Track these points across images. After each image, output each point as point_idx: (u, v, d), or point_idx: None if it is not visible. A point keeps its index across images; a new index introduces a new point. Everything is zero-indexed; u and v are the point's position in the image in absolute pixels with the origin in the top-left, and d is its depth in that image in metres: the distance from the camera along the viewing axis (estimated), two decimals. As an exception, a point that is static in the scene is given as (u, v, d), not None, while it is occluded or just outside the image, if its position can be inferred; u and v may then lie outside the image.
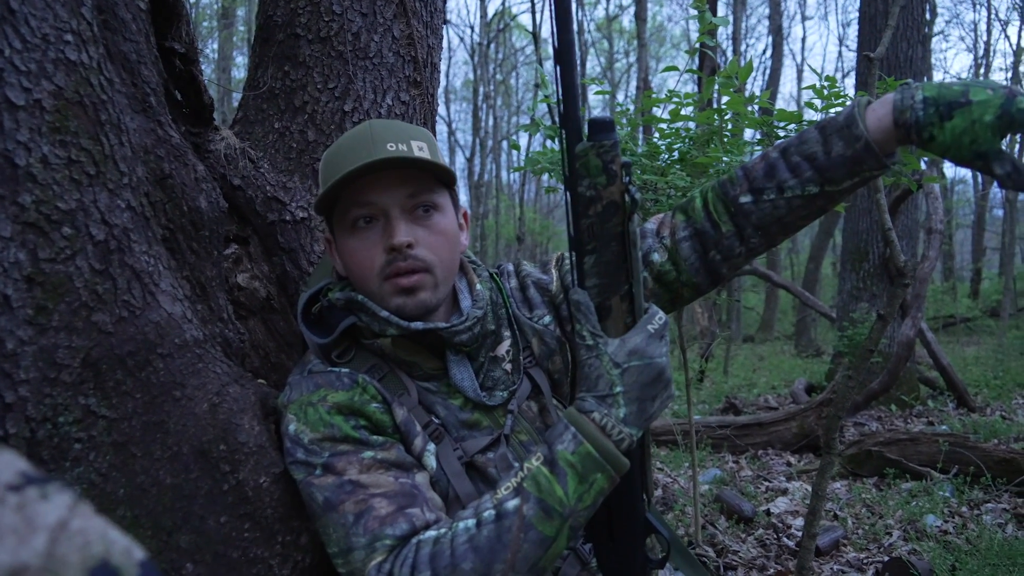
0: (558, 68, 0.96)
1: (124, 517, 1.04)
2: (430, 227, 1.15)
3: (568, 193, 0.99)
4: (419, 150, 1.13)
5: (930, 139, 1.03)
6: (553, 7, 0.96)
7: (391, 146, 1.12)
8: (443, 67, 1.91)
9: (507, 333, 1.26)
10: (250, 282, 1.49)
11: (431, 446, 1.14)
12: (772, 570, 2.94)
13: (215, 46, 18.70)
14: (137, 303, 1.08)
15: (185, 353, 1.13)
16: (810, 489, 3.94)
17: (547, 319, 1.28)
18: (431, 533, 1.01)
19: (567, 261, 1.26)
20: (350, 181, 1.11)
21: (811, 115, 2.24)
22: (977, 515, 3.55)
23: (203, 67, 1.54)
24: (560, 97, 0.97)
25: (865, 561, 3.04)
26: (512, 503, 0.99)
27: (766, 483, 4.25)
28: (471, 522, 1.00)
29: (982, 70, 23.25)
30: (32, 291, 0.98)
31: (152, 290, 1.11)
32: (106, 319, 1.04)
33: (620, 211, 0.98)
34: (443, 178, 1.19)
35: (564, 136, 0.98)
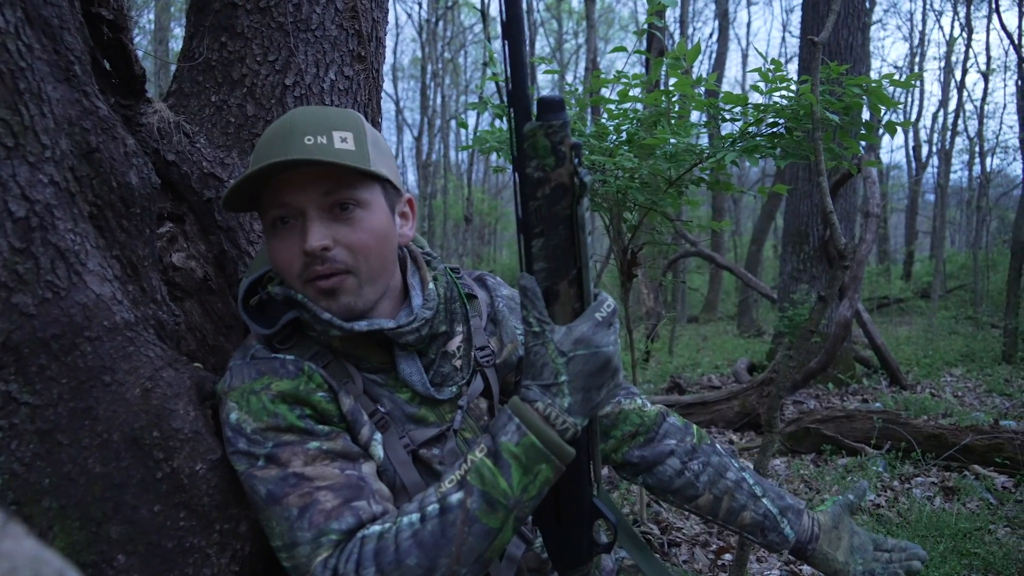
0: (506, 44, 0.92)
1: (50, 508, 0.99)
2: (352, 225, 1.08)
3: (516, 174, 0.95)
4: (341, 141, 1.07)
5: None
6: None
7: (309, 139, 1.05)
8: (390, 44, 1.86)
9: (460, 328, 1.24)
10: (186, 262, 1.43)
11: (378, 435, 1.11)
12: (715, 546, 3.00)
13: (151, 16, 18.01)
14: (62, 284, 1.02)
15: (115, 336, 1.08)
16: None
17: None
18: (375, 528, 0.99)
19: None
20: (262, 180, 1.05)
21: (756, 98, 2.26)
22: (908, 489, 3.68)
23: (137, 38, 1.46)
24: (508, 75, 0.93)
25: (803, 535, 3.13)
26: (456, 496, 0.97)
27: (709, 461, 4.33)
28: (415, 516, 0.98)
29: (917, 59, 23.92)
30: (-55, 271, 0.92)
31: (78, 270, 1.05)
32: (28, 300, 0.98)
33: (569, 193, 0.94)
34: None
35: (512, 115, 0.95)
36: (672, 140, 2.32)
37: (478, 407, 1.22)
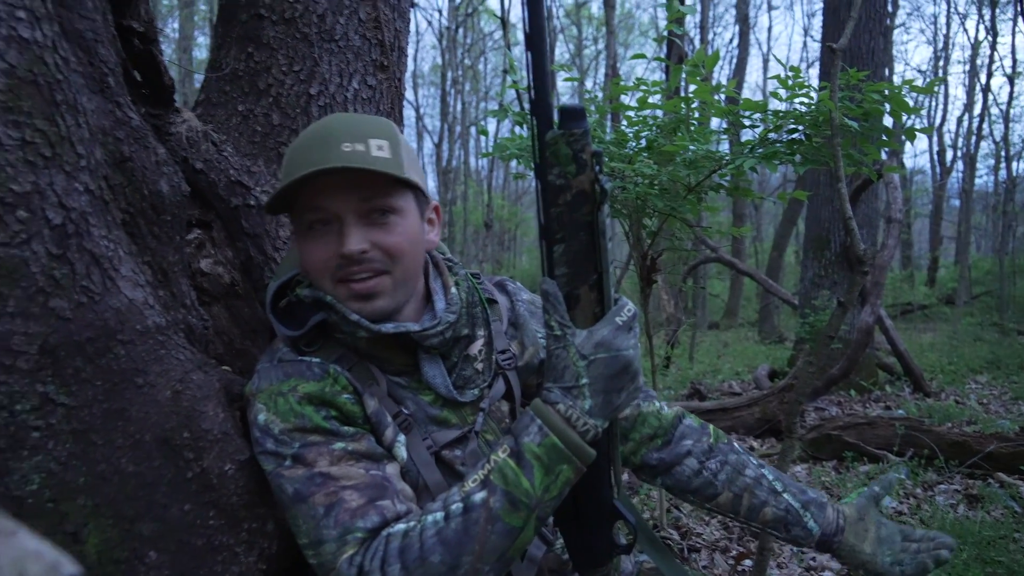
0: (529, 54, 0.95)
1: (84, 506, 1.02)
2: (388, 230, 1.12)
3: (538, 181, 0.98)
4: (378, 149, 1.10)
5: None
6: None
7: (347, 146, 1.08)
8: (411, 51, 1.89)
9: (481, 332, 1.27)
10: (213, 267, 1.46)
11: (401, 436, 1.14)
12: (735, 551, 3.00)
13: (175, 25, 18.29)
14: (96, 289, 1.06)
15: (147, 340, 1.11)
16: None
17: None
18: (400, 526, 1.01)
19: None
20: (302, 184, 1.08)
21: (776, 104, 2.27)
22: (931, 496, 3.65)
23: (163, 47, 1.50)
24: (531, 84, 0.96)
25: (824, 542, 3.11)
26: (479, 496, 0.99)
27: (729, 467, 4.32)
28: (439, 515, 1.00)
29: (941, 62, 23.67)
30: (-14, 276, 0.95)
31: (112, 275, 1.09)
32: (64, 305, 1.02)
33: (590, 201, 0.96)
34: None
35: (534, 123, 0.97)
36: (691, 147, 2.33)
37: (499, 409, 1.25)
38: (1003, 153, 19.19)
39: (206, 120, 1.54)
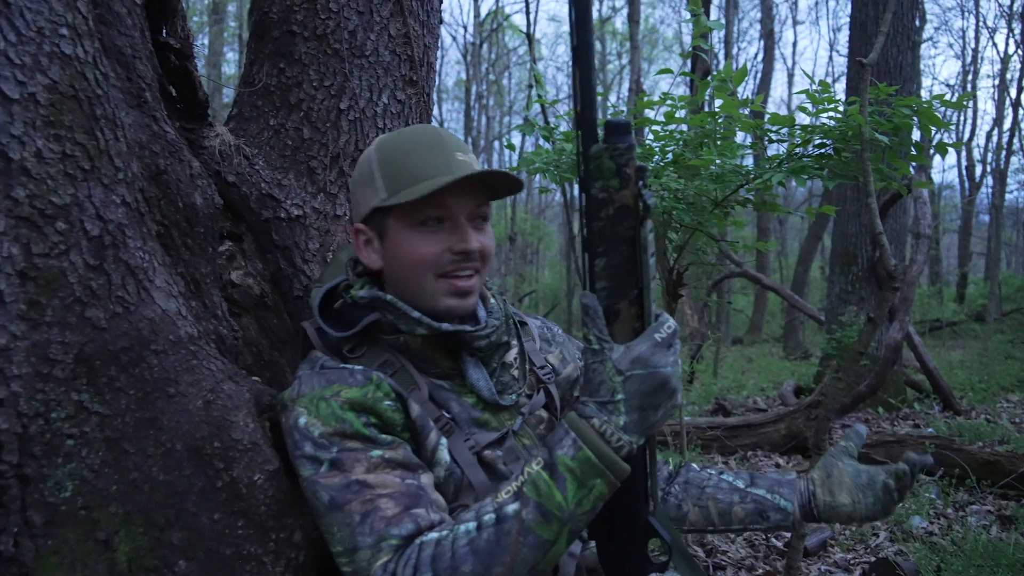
0: (576, 70, 0.96)
1: (116, 514, 1.03)
2: (485, 234, 1.21)
3: (581, 195, 0.99)
4: (476, 161, 1.20)
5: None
6: (573, 10, 0.95)
7: (460, 155, 1.18)
8: (436, 66, 1.91)
9: (514, 343, 1.32)
10: (244, 279, 1.48)
11: (443, 439, 1.16)
12: (760, 570, 2.96)
13: (206, 41, 18.60)
14: (131, 299, 1.08)
15: (179, 350, 1.12)
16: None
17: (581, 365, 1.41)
18: (434, 535, 1.02)
19: None
20: (439, 186, 1.13)
21: (803, 118, 2.26)
22: (962, 516, 3.58)
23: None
24: (578, 99, 0.97)
25: (852, 562, 3.06)
26: (512, 507, 0.99)
27: (754, 484, 4.27)
28: (472, 525, 1.00)
29: (970, 76, 23.42)
30: (25, 286, 0.97)
31: (146, 286, 1.10)
32: (100, 315, 1.04)
33: (632, 215, 0.97)
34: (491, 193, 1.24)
35: (579, 137, 0.98)
36: (717, 161, 2.33)
37: (537, 415, 1.29)
38: (1034, 168, 18.89)
39: (238, 134, 1.57)
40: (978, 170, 22.85)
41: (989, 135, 23.47)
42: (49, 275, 0.99)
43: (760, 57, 21.81)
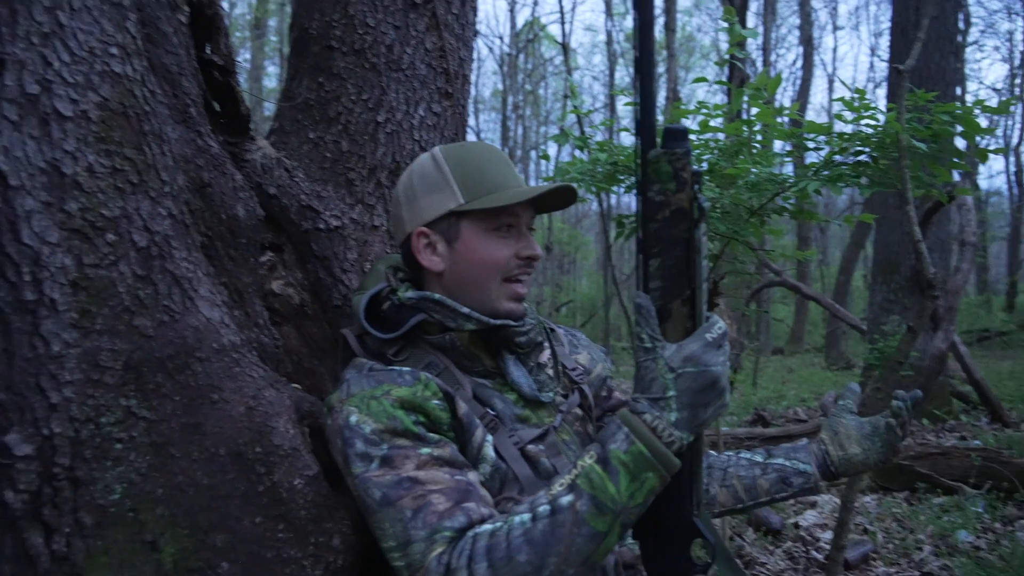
0: (637, 78, 1.01)
1: (162, 516, 1.06)
2: (535, 244, 1.30)
3: (639, 197, 1.03)
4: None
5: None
6: (637, 20, 0.99)
7: (518, 169, 1.26)
8: (472, 77, 1.94)
9: (546, 344, 1.38)
10: (284, 289, 1.52)
11: (489, 436, 1.19)
12: (800, 584, 2.91)
13: (247, 56, 19.00)
14: (177, 308, 1.11)
15: (222, 357, 1.16)
16: (839, 502, 3.90)
17: (608, 368, 1.50)
18: (487, 527, 1.04)
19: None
20: (526, 197, 1.22)
21: (841, 127, 2.24)
22: (1011, 531, 3.48)
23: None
24: (638, 105, 1.02)
25: (895, 576, 3.00)
26: (566, 499, 1.02)
27: (794, 496, 4.20)
28: (526, 516, 1.03)
29: (1018, 80, 22.86)
30: (77, 295, 1.01)
31: (191, 295, 1.14)
32: (147, 323, 1.08)
33: (687, 218, 1.01)
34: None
35: (639, 142, 1.03)
36: (754, 170, 2.32)
37: (574, 413, 1.34)
38: (1086, 173, 18.34)
39: (279, 147, 1.61)
40: (1027, 176, 22.23)
41: (1038, 140, 22.84)
42: (99, 285, 1.03)
43: (799, 64, 21.56)
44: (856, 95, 1.96)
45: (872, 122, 2.06)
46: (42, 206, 0.99)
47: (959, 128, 2.01)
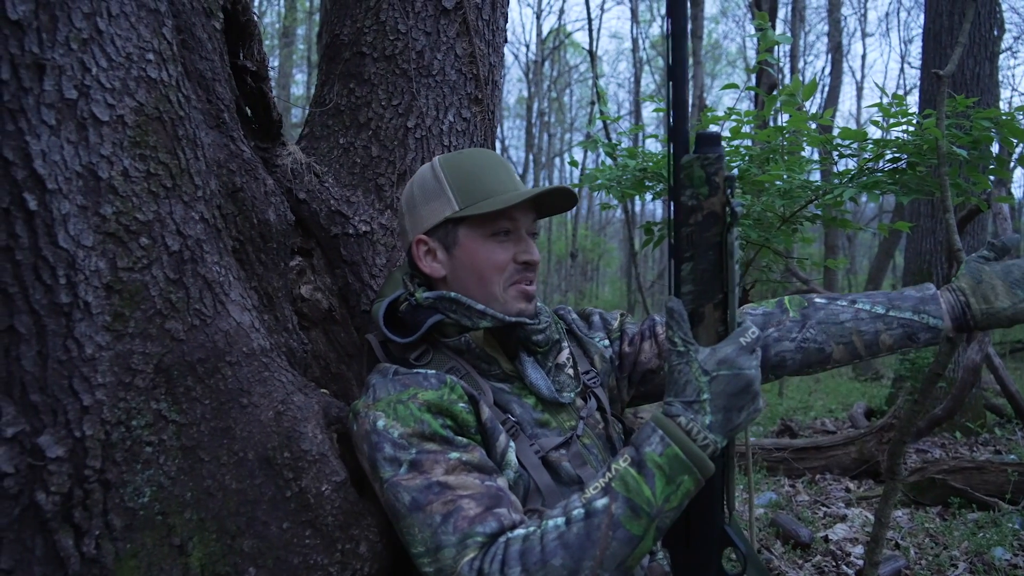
0: (670, 84, 1.02)
1: (191, 520, 1.06)
2: (536, 248, 1.31)
3: (672, 202, 1.03)
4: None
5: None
6: (670, 27, 1.00)
7: (515, 174, 1.31)
8: (501, 84, 1.93)
9: (565, 344, 1.36)
10: (313, 293, 1.52)
11: (511, 443, 1.18)
12: (830, 599, 2.86)
13: (276, 63, 19.21)
14: (208, 312, 1.12)
15: (252, 361, 1.16)
16: (870, 516, 3.82)
17: (605, 342, 1.44)
18: (520, 531, 1.03)
19: (627, 321, 1.48)
20: (517, 200, 1.22)
21: (874, 132, 2.20)
22: (1049, 550, 3.39)
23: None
24: (670, 110, 1.03)
25: (928, 593, 2.93)
26: (601, 502, 1.01)
27: (824, 508, 4.14)
28: (560, 520, 1.02)
29: (1053, 87, 22.41)
30: (110, 298, 1.02)
31: (222, 299, 1.14)
32: (179, 327, 1.08)
33: (720, 222, 1.01)
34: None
35: (671, 146, 1.03)
36: (784, 175, 2.28)
37: (593, 416, 1.33)
38: (1124, 182, 17.92)
39: (309, 153, 1.61)
40: (1063, 185, 21.79)
41: (1074, 148, 22.38)
42: (132, 288, 1.04)
43: (827, 71, 21.34)
44: (893, 101, 1.92)
45: (908, 128, 2.02)
46: (78, 210, 0.99)
47: (997, 135, 1.97)
